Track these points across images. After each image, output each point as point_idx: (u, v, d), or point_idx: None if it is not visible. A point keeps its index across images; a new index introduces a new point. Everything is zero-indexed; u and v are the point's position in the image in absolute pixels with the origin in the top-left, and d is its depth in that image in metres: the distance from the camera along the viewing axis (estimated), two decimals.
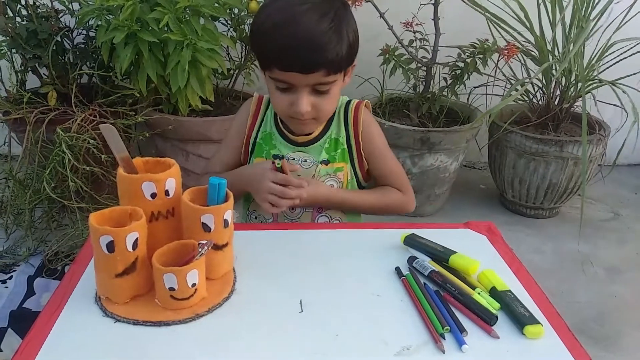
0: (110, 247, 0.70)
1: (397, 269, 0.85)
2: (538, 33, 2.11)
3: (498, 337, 0.71)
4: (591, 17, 2.03)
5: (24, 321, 1.56)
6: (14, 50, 1.97)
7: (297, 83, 0.93)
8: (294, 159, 1.08)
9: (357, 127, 1.08)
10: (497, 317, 0.73)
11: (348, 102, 1.10)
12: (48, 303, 0.75)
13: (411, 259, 0.86)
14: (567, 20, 2.09)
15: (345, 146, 1.09)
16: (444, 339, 0.70)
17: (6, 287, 1.72)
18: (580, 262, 2.04)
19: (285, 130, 1.09)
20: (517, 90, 2.17)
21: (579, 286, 1.89)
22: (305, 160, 1.08)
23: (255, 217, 1.14)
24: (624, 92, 1.98)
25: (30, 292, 1.69)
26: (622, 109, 1.98)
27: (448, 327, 0.71)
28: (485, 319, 0.73)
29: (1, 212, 1.94)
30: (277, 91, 0.97)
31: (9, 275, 1.77)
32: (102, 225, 0.70)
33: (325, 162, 1.08)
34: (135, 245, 0.71)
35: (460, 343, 0.69)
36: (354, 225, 1.10)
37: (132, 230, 0.71)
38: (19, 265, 1.81)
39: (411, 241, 0.89)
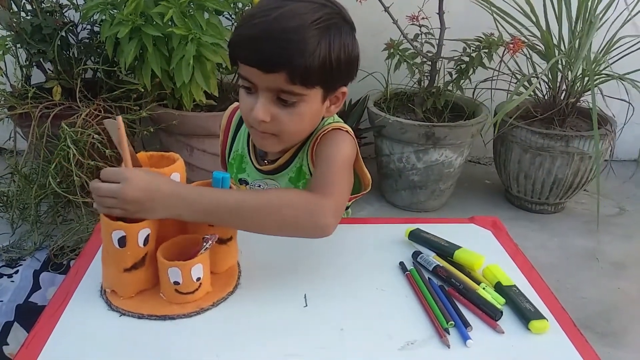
0: (122, 242, 0.70)
1: (402, 264, 0.84)
2: (544, 27, 2.09)
3: (503, 332, 0.71)
4: (597, 11, 2.01)
5: (30, 315, 1.56)
6: (18, 45, 1.97)
7: (257, 83, 0.81)
8: (259, 186, 1.01)
9: (313, 153, 0.93)
10: (502, 312, 0.73)
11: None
12: (54, 297, 0.76)
13: (415, 254, 0.85)
14: (573, 14, 2.07)
15: (309, 176, 0.96)
16: (449, 333, 0.70)
17: (12, 281, 1.73)
18: (586, 257, 2.03)
19: (255, 155, 1.01)
20: (526, 87, 2.15)
21: (584, 282, 1.89)
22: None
23: None
24: (634, 86, 1.96)
25: (36, 286, 1.70)
26: (629, 103, 1.97)
27: (452, 322, 0.71)
28: (490, 314, 0.73)
29: (7, 207, 1.94)
30: (243, 92, 0.85)
31: (15, 269, 1.78)
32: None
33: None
34: (146, 241, 0.72)
35: (464, 338, 0.69)
36: (358, 220, 1.09)
37: (145, 226, 0.71)
38: (24, 260, 1.82)
39: (416, 236, 0.89)
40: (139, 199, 0.68)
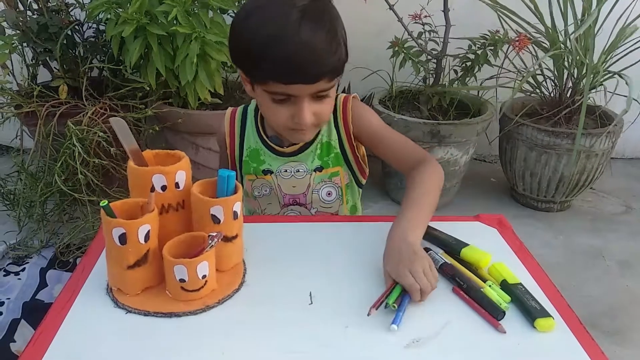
0: (123, 239, 0.70)
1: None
2: (549, 24, 2.08)
3: (505, 332, 0.71)
4: (603, 8, 2.00)
5: (36, 312, 1.57)
6: (25, 44, 1.98)
7: (299, 94, 0.87)
8: (286, 170, 1.04)
9: (348, 125, 1.03)
10: (504, 313, 0.73)
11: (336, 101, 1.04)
12: (60, 294, 0.76)
13: (424, 251, 0.85)
14: (579, 10, 2.06)
15: (339, 149, 1.04)
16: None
17: (19, 279, 1.74)
18: (592, 255, 2.02)
19: (272, 142, 1.04)
20: (530, 84, 2.14)
21: (590, 280, 1.88)
22: (298, 170, 1.04)
23: None
24: None
25: (42, 284, 1.71)
26: (636, 101, 1.95)
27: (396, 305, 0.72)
28: (492, 314, 0.73)
29: (14, 205, 1.96)
30: (273, 104, 0.90)
31: (21, 267, 1.79)
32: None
33: (319, 169, 1.04)
34: (147, 237, 0.72)
35: (394, 322, 0.70)
36: (363, 218, 1.09)
37: (144, 222, 0.71)
38: (31, 258, 1.83)
39: (424, 232, 0.89)
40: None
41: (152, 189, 0.74)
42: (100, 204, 0.71)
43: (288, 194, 1.07)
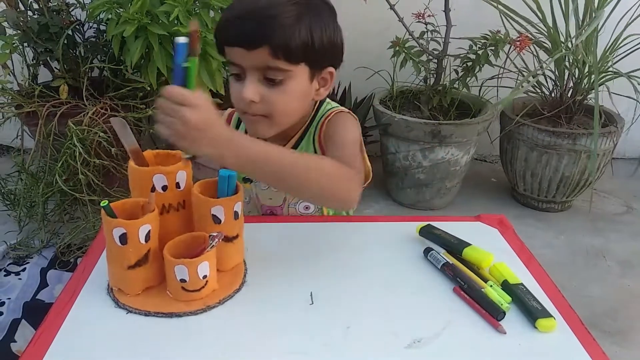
0: (123, 239, 0.70)
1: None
2: (550, 24, 2.08)
3: (505, 333, 0.70)
4: (604, 8, 2.00)
5: (37, 312, 1.57)
6: (25, 44, 1.98)
7: (243, 63, 0.83)
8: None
9: (321, 139, 0.95)
10: (504, 313, 0.73)
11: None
12: (61, 294, 0.76)
13: (427, 251, 0.85)
14: (580, 10, 2.06)
15: None
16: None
17: (20, 278, 1.74)
18: (593, 255, 2.02)
19: None
20: (528, 81, 2.15)
21: (591, 280, 1.88)
22: None
23: None
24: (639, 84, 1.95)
25: (43, 284, 1.71)
26: (637, 101, 1.95)
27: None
28: (492, 314, 0.72)
29: (14, 205, 1.96)
30: (233, 80, 0.87)
31: (22, 267, 1.79)
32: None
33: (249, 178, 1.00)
34: (147, 237, 0.72)
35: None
36: (364, 218, 1.09)
37: (145, 222, 0.71)
38: (32, 258, 1.83)
39: (426, 232, 0.89)
40: (198, 126, 0.66)
41: (153, 189, 0.74)
42: (101, 204, 0.71)
43: (266, 204, 1.06)
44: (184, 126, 0.66)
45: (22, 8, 1.97)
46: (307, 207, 1.04)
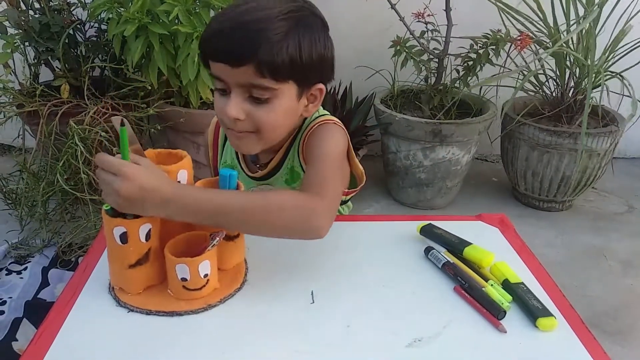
0: (124, 238, 0.70)
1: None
2: (551, 23, 2.08)
3: (505, 332, 0.70)
4: (605, 7, 2.00)
5: (38, 311, 1.57)
6: (27, 44, 1.98)
7: (228, 80, 0.79)
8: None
9: (303, 149, 0.91)
10: (505, 312, 0.73)
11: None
12: (62, 293, 0.76)
13: (427, 250, 0.85)
14: (580, 9, 2.06)
15: (303, 174, 0.93)
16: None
17: (21, 277, 1.74)
18: (594, 255, 2.02)
19: (245, 163, 0.99)
20: (532, 83, 2.14)
21: (592, 280, 1.88)
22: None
23: None
24: None
25: (44, 283, 1.72)
26: (639, 101, 1.95)
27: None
28: (493, 313, 0.73)
29: (16, 204, 1.96)
30: (217, 95, 0.83)
31: (23, 266, 1.79)
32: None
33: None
34: (148, 236, 0.72)
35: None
36: (365, 218, 1.09)
37: (145, 221, 0.71)
38: (33, 257, 1.83)
39: (427, 231, 0.89)
40: (131, 197, 0.65)
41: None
42: (103, 207, 0.71)
43: None
44: (117, 197, 0.66)
45: (24, 7, 1.97)
46: None
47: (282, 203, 0.73)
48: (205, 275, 0.73)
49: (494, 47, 2.03)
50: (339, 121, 0.93)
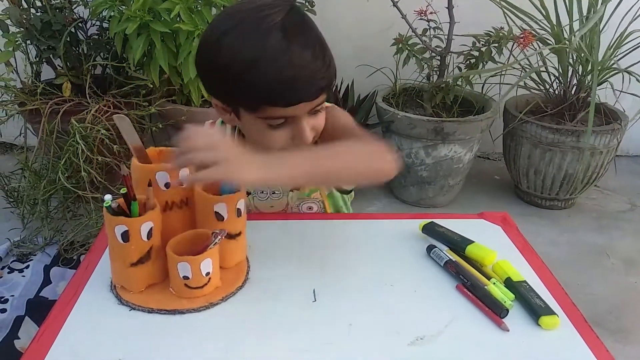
0: (125, 236, 0.70)
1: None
2: (554, 21, 2.07)
3: (508, 330, 0.70)
4: (606, 4, 1.99)
5: (40, 309, 1.58)
6: (28, 42, 1.98)
7: (300, 113, 0.81)
8: (262, 192, 1.01)
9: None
10: (507, 310, 0.72)
11: None
12: (64, 291, 0.76)
13: (429, 248, 0.85)
14: (584, 6, 2.05)
15: None
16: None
17: (23, 276, 1.74)
18: (597, 253, 2.01)
19: None
20: (534, 80, 2.13)
21: (594, 278, 1.87)
22: (274, 192, 1.01)
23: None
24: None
25: (46, 281, 1.72)
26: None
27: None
28: (496, 312, 0.72)
29: (17, 202, 1.96)
30: (270, 130, 0.82)
31: (25, 264, 1.80)
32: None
33: (296, 187, 1.00)
34: (149, 234, 0.72)
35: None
36: (367, 216, 1.09)
37: (147, 219, 0.71)
38: (35, 255, 1.84)
39: (429, 229, 0.89)
40: (237, 157, 0.68)
41: (149, 184, 0.74)
42: (104, 204, 0.71)
43: (267, 213, 1.05)
44: (227, 163, 0.66)
45: (25, 5, 1.97)
46: (309, 208, 1.04)
47: (357, 147, 0.81)
48: (207, 274, 0.73)
49: (496, 44, 2.03)
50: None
